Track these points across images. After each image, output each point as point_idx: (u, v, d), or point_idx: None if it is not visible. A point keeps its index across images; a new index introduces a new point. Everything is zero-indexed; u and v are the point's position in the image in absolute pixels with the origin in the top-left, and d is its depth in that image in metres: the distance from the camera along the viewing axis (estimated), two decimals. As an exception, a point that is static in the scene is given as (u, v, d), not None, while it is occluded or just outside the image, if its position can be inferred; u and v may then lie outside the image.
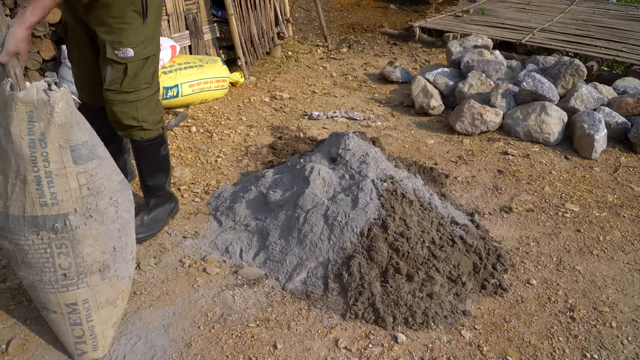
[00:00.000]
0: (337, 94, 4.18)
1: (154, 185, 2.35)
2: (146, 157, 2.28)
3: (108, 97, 2.06)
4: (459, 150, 3.28)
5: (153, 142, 2.24)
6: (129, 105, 2.09)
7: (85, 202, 1.54)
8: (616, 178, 2.99)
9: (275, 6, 4.75)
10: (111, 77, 2.03)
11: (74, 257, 1.56)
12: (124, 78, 2.02)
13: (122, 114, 2.09)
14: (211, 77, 3.65)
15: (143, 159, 2.28)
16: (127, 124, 2.13)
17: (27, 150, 1.44)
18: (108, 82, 2.04)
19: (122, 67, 2.01)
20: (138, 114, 2.12)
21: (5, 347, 1.75)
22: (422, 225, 2.17)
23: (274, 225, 2.27)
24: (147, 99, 2.13)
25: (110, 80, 2.03)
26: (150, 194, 2.37)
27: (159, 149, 2.28)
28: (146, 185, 2.35)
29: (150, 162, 2.30)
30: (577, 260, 2.30)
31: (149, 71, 2.10)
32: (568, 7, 6.76)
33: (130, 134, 2.18)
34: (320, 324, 1.90)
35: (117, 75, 2.02)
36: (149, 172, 2.32)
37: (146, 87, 2.10)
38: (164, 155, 2.33)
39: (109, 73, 2.02)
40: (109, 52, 1.98)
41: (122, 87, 2.04)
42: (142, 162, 2.29)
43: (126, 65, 2.01)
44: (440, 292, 1.97)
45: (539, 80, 3.46)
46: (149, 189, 2.36)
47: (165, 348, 1.77)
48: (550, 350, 1.82)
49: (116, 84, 2.03)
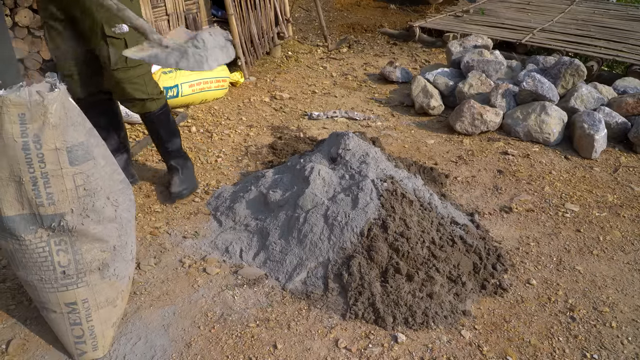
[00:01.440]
0: (337, 94, 4.18)
1: (174, 148, 2.60)
2: (162, 125, 2.49)
3: (118, 76, 2.20)
4: (459, 150, 3.28)
5: (163, 110, 2.45)
6: (138, 80, 2.26)
7: (82, 203, 1.54)
8: (616, 178, 2.99)
9: (275, 6, 4.75)
10: (115, 56, 2.14)
11: (73, 254, 1.56)
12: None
13: (134, 89, 2.26)
14: (211, 77, 3.65)
15: (160, 128, 2.49)
16: (139, 98, 2.31)
17: (21, 152, 1.43)
18: (113, 62, 2.15)
19: (122, 42, 2.12)
20: (147, 88, 2.31)
21: (5, 347, 1.75)
22: (422, 225, 2.17)
23: (274, 225, 2.27)
24: (148, 74, 2.31)
25: (115, 59, 2.15)
26: (173, 157, 2.62)
27: (169, 116, 2.51)
28: (168, 151, 2.59)
29: (166, 128, 2.52)
30: (577, 260, 2.30)
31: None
32: (568, 7, 6.76)
33: (145, 107, 2.36)
34: (320, 324, 1.90)
35: (119, 53, 2.11)
36: (167, 138, 2.55)
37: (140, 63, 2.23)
38: (173, 121, 2.57)
39: (111, 53, 2.13)
40: (107, 30, 2.09)
41: (128, 62, 2.17)
42: (160, 130, 2.50)
43: (125, 40, 2.12)
44: (440, 292, 1.97)
45: (539, 80, 3.46)
46: (171, 153, 2.60)
47: (165, 348, 1.77)
48: (550, 350, 1.82)
49: (121, 61, 2.16)
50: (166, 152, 2.61)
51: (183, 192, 2.60)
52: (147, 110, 2.38)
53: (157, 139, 2.57)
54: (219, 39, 2.10)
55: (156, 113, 2.41)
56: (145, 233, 2.37)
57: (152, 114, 2.41)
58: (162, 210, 2.54)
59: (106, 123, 2.44)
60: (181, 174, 2.63)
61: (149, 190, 2.70)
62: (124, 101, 2.34)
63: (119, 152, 2.55)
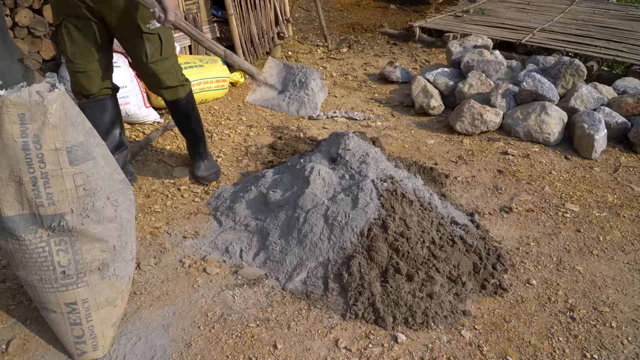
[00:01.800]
0: (337, 94, 4.18)
1: (198, 135, 2.77)
2: (189, 111, 2.66)
3: (154, 68, 2.38)
4: (459, 150, 3.28)
5: (190, 96, 2.63)
6: (171, 69, 2.44)
7: (82, 203, 1.54)
8: (616, 178, 2.99)
9: (275, 6, 4.75)
10: (151, 50, 2.33)
11: (73, 254, 1.56)
12: (161, 46, 2.34)
13: (169, 79, 2.45)
14: (211, 77, 3.65)
15: (187, 113, 2.66)
16: (173, 85, 2.48)
17: (21, 152, 1.44)
18: (150, 55, 2.34)
19: (156, 37, 2.32)
20: (177, 75, 2.49)
21: (5, 347, 1.75)
22: (422, 225, 2.17)
23: (274, 225, 2.27)
24: (177, 62, 2.50)
25: (152, 53, 2.34)
26: (199, 141, 2.78)
27: (194, 103, 2.68)
28: (196, 135, 2.76)
29: (192, 114, 2.68)
30: (577, 260, 2.30)
31: (171, 38, 2.43)
32: (568, 7, 6.76)
33: (177, 94, 2.52)
34: (320, 324, 1.90)
35: (155, 47, 2.33)
36: (192, 124, 2.71)
37: (173, 53, 2.45)
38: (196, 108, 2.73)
39: (148, 48, 2.32)
40: (142, 27, 2.25)
41: (162, 54, 2.37)
42: (187, 116, 2.67)
43: (158, 34, 2.31)
44: (440, 292, 1.97)
45: (539, 80, 3.46)
46: (195, 139, 2.77)
47: (165, 348, 1.77)
48: (550, 350, 1.82)
49: (157, 54, 2.35)
50: (193, 137, 2.76)
51: (210, 176, 2.78)
52: (178, 97, 2.54)
53: (184, 125, 2.72)
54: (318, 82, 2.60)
55: (184, 99, 2.58)
56: (145, 233, 2.37)
57: (180, 100, 2.56)
58: (162, 210, 2.54)
59: (109, 119, 2.50)
60: (206, 160, 2.80)
61: (149, 190, 2.70)
62: (158, 89, 2.49)
63: (119, 150, 2.58)
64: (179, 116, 2.68)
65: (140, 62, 2.37)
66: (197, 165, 2.79)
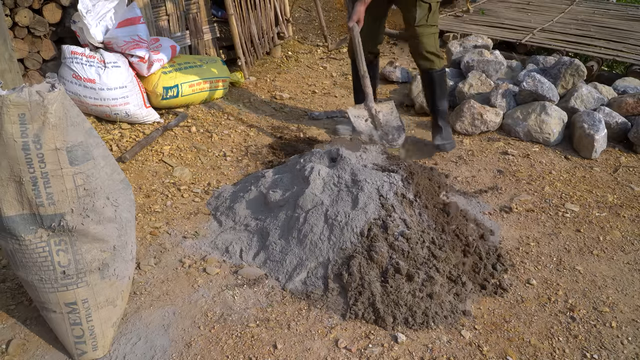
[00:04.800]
0: (337, 94, 4.18)
1: (442, 109, 3.17)
2: (439, 84, 3.10)
3: (418, 31, 2.95)
4: (459, 150, 3.28)
5: (443, 71, 3.10)
6: (432, 37, 2.99)
7: (82, 203, 1.54)
8: (616, 178, 2.99)
9: (275, 6, 4.75)
10: (420, 16, 2.91)
11: (73, 254, 1.56)
12: (428, 14, 2.91)
13: (428, 44, 2.98)
14: (211, 77, 3.65)
15: (437, 86, 3.10)
16: (430, 52, 3.00)
17: (21, 152, 1.44)
18: (418, 19, 2.92)
19: (427, 5, 2.90)
20: (436, 44, 3.03)
21: (5, 347, 1.75)
22: (422, 225, 2.17)
23: (274, 225, 2.27)
24: (437, 35, 3.05)
25: (419, 18, 2.91)
26: (440, 116, 3.18)
27: (445, 78, 3.14)
28: (437, 109, 3.16)
29: (441, 88, 3.11)
30: (577, 260, 2.30)
31: (438, 12, 2.98)
32: (568, 7, 6.76)
33: (433, 64, 3.02)
34: (320, 324, 1.90)
35: (424, 14, 2.91)
36: (440, 97, 3.13)
37: (436, 24, 3.00)
38: (447, 85, 3.21)
39: (418, 13, 2.90)
40: None
41: (428, 21, 2.93)
42: (436, 89, 3.10)
43: (430, 4, 2.90)
44: (440, 292, 1.97)
45: (539, 80, 3.46)
46: (439, 112, 3.17)
47: (165, 348, 1.77)
48: (550, 350, 1.82)
49: (423, 20, 2.93)
50: (436, 110, 3.16)
51: (446, 145, 3.15)
52: (434, 67, 3.03)
53: (431, 97, 3.16)
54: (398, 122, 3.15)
55: (438, 71, 3.05)
56: (145, 233, 2.37)
57: (434, 72, 3.04)
58: (162, 210, 2.54)
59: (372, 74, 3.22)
60: (443, 133, 3.17)
61: (149, 190, 2.70)
62: (418, 54, 3.02)
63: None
64: (428, 87, 3.12)
65: (409, 25, 2.98)
66: (435, 137, 3.19)
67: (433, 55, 3.00)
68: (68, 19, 3.27)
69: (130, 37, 3.17)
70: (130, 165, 2.90)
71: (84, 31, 3.09)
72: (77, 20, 3.16)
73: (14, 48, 2.96)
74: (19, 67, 2.97)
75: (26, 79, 3.12)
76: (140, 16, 3.23)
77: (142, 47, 3.22)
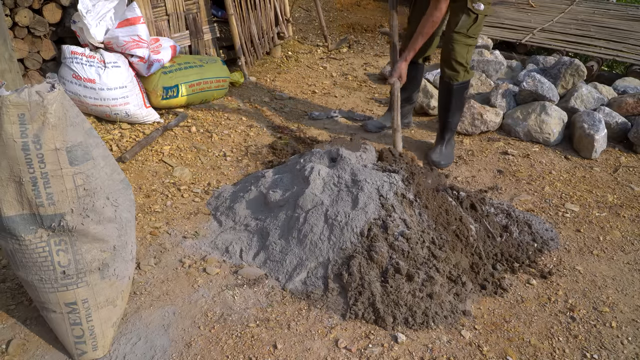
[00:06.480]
0: (337, 94, 4.18)
1: (453, 121, 3.06)
2: (456, 98, 2.97)
3: (455, 37, 2.82)
4: (459, 150, 3.28)
5: (465, 86, 2.96)
6: (466, 48, 2.85)
7: (82, 203, 1.53)
8: (616, 178, 2.99)
9: (275, 6, 4.75)
10: (463, 23, 2.77)
11: (73, 254, 1.56)
12: (472, 25, 2.78)
13: (460, 53, 2.84)
14: (211, 77, 3.65)
15: (454, 99, 2.97)
16: (459, 62, 2.86)
17: (21, 152, 1.43)
18: (459, 26, 2.78)
19: (474, 16, 2.76)
20: (467, 57, 2.87)
21: (5, 347, 1.75)
22: (422, 225, 2.17)
23: (274, 225, 2.27)
24: (472, 49, 2.91)
25: (461, 25, 2.78)
26: (448, 129, 3.05)
27: (465, 94, 3.01)
28: (447, 121, 3.03)
29: (458, 102, 2.99)
30: (577, 260, 2.30)
31: (482, 26, 2.87)
32: (568, 7, 6.76)
33: (457, 75, 2.89)
34: (320, 324, 1.90)
35: (468, 22, 2.77)
36: (453, 110, 3.01)
37: (475, 38, 2.86)
38: (465, 99, 3.06)
39: (462, 19, 2.77)
40: (469, 3, 2.72)
41: (469, 31, 2.80)
42: (452, 101, 2.97)
43: (477, 15, 2.76)
44: (440, 292, 1.97)
45: (539, 80, 3.46)
46: (449, 125, 3.05)
47: (165, 348, 1.77)
48: (550, 350, 1.82)
49: (464, 29, 2.79)
50: (445, 122, 3.05)
51: (441, 162, 3.02)
52: (457, 79, 2.90)
53: (444, 107, 3.03)
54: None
55: (459, 84, 2.92)
56: (145, 233, 2.37)
57: (455, 84, 2.91)
58: (162, 210, 2.54)
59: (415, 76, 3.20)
60: (444, 147, 3.07)
61: (149, 190, 2.70)
62: (446, 61, 2.89)
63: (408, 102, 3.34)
64: (445, 97, 3.00)
65: (449, 28, 2.86)
66: (434, 148, 3.09)
67: (460, 66, 2.87)
68: (68, 19, 3.27)
69: (130, 37, 3.17)
70: (130, 165, 2.90)
71: (84, 31, 3.09)
72: (77, 20, 3.16)
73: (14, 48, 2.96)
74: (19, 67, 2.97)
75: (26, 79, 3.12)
76: (140, 16, 3.23)
77: (142, 47, 3.22)
